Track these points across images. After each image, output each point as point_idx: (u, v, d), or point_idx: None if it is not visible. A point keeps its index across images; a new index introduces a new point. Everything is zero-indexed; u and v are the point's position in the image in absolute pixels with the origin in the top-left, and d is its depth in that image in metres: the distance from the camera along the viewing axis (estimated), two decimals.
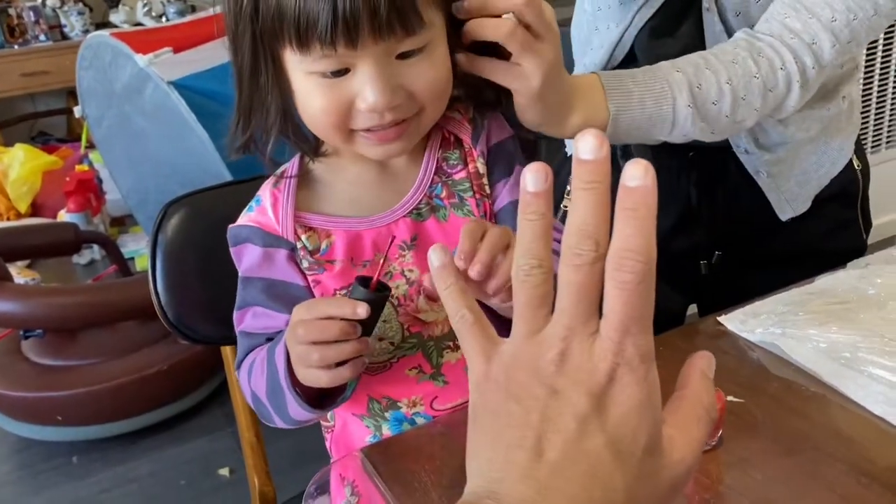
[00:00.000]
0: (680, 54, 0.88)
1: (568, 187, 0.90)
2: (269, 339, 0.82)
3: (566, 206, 1.15)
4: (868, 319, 0.84)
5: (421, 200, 0.81)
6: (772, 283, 0.96)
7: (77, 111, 2.69)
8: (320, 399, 0.76)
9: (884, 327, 0.82)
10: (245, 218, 0.82)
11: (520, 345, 0.43)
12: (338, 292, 0.79)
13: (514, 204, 0.81)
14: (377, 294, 0.69)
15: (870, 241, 1.16)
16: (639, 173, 0.38)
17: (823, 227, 1.11)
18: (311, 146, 0.80)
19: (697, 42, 0.95)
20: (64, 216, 3.19)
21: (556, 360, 0.41)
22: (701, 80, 0.85)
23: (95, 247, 3.16)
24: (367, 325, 0.69)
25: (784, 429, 0.74)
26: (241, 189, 1.15)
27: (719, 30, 0.96)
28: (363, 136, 0.73)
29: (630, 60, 1.02)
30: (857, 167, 1.12)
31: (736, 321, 0.90)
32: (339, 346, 0.69)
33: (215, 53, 2.24)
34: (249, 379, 0.81)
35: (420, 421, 0.84)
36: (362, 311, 0.67)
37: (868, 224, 1.16)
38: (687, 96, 0.84)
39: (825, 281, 0.95)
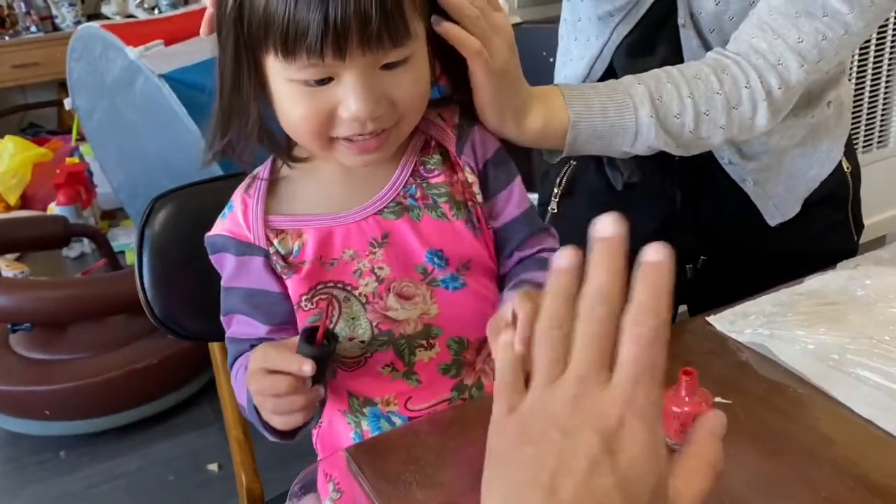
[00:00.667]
0: None
1: (555, 189, 0.89)
2: (254, 346, 0.82)
3: (553, 210, 1.15)
4: (857, 321, 0.84)
5: (393, 199, 0.80)
6: (761, 284, 0.96)
7: (67, 103, 2.68)
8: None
9: (872, 329, 0.82)
10: (219, 226, 0.82)
11: (537, 394, 0.47)
12: (303, 298, 0.79)
13: (524, 215, 0.85)
14: (323, 349, 0.71)
15: (861, 240, 1.16)
16: (660, 251, 0.45)
17: (813, 229, 1.10)
18: (285, 150, 0.80)
19: (676, 59, 0.94)
20: (54, 209, 3.17)
21: (570, 403, 0.45)
22: (662, 92, 0.85)
23: (85, 240, 3.14)
24: (316, 375, 0.71)
25: (770, 430, 0.74)
26: (230, 184, 1.13)
27: (696, 45, 0.95)
28: (343, 144, 0.74)
29: (609, 76, 1.00)
30: (846, 169, 1.11)
31: (725, 321, 0.90)
32: (290, 399, 0.71)
33: (207, 46, 2.22)
34: (238, 384, 0.82)
35: (396, 421, 0.84)
36: (308, 368, 0.69)
37: (859, 226, 1.15)
38: (649, 108, 0.85)
39: (814, 282, 0.95)
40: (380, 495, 0.71)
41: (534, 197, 1.79)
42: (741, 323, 0.88)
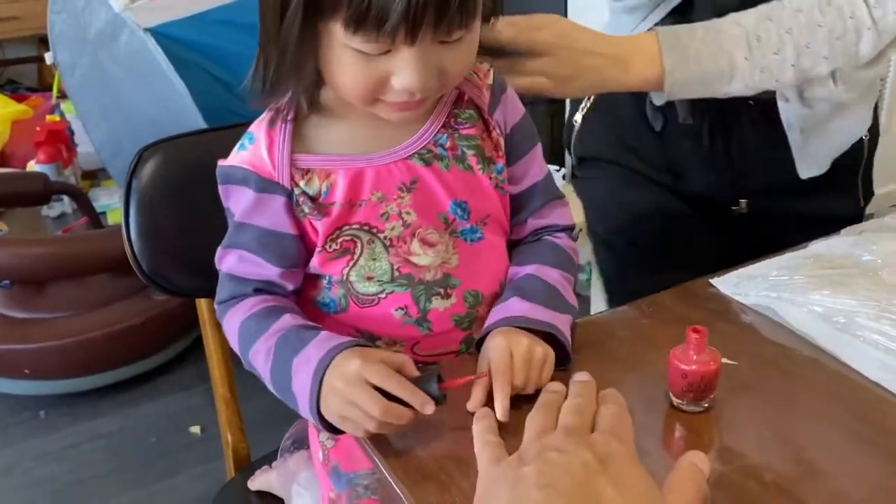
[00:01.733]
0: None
1: (584, 103, 1.16)
2: (258, 290, 0.80)
3: (577, 122, 1.15)
4: (863, 285, 0.82)
5: (424, 146, 0.80)
6: (775, 243, 0.97)
7: (48, 58, 2.60)
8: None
9: (879, 293, 0.81)
10: (238, 157, 0.78)
11: (528, 443, 0.59)
12: (328, 239, 0.77)
13: (543, 182, 0.88)
14: (441, 396, 0.68)
15: (870, 209, 1.16)
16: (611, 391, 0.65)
17: (823, 190, 1.09)
18: (317, 93, 0.78)
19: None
20: (33, 167, 3.10)
21: (562, 437, 0.58)
22: (760, 31, 0.88)
23: (66, 199, 3.08)
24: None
25: (778, 390, 0.73)
26: (220, 136, 1.11)
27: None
28: (386, 104, 0.73)
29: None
30: (864, 136, 1.11)
31: (729, 284, 0.88)
32: (391, 426, 0.68)
33: (196, 0, 2.17)
34: (244, 343, 0.79)
35: None
36: (430, 409, 0.67)
37: (868, 193, 1.15)
38: (745, 50, 0.88)
39: (819, 246, 0.93)
40: (377, 444, 0.69)
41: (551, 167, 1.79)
42: (745, 285, 0.87)
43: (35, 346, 2.09)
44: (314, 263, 0.80)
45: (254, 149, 0.78)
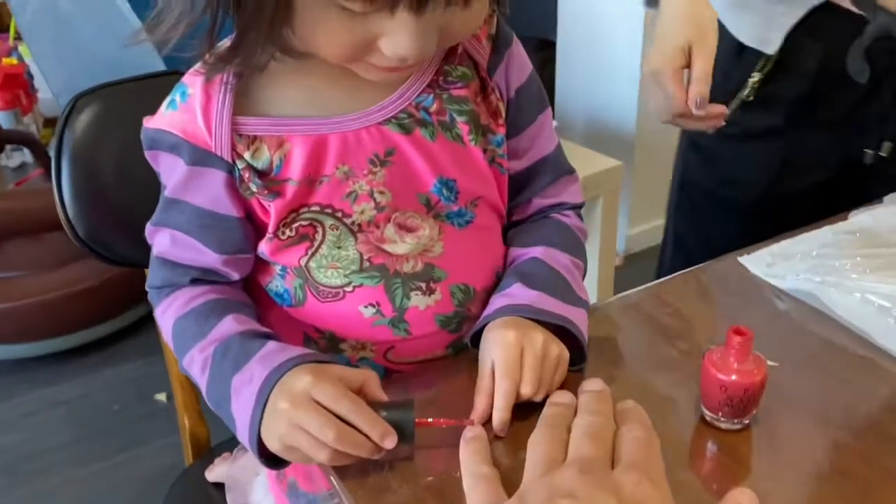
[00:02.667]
0: None
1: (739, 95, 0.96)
2: (195, 280, 0.67)
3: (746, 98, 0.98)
4: None
5: (403, 109, 0.64)
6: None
7: None
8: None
9: None
10: (166, 119, 0.62)
11: (532, 483, 0.48)
12: (282, 224, 0.63)
13: (552, 155, 0.75)
14: (412, 431, 0.56)
15: None
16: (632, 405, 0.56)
17: None
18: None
19: None
20: None
21: (575, 470, 0.47)
22: None
23: (26, 149, 2.92)
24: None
25: (833, 404, 0.60)
26: (166, 82, 0.96)
27: None
28: (368, 64, 0.57)
29: None
30: None
31: (761, 264, 0.75)
32: (350, 457, 0.55)
33: None
34: (179, 346, 0.66)
35: None
36: (390, 443, 0.54)
37: None
38: None
39: (861, 219, 0.81)
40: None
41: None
42: (781, 266, 0.74)
43: None
44: (263, 250, 0.65)
45: (186, 108, 0.61)
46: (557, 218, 0.75)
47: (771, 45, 0.93)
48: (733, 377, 0.55)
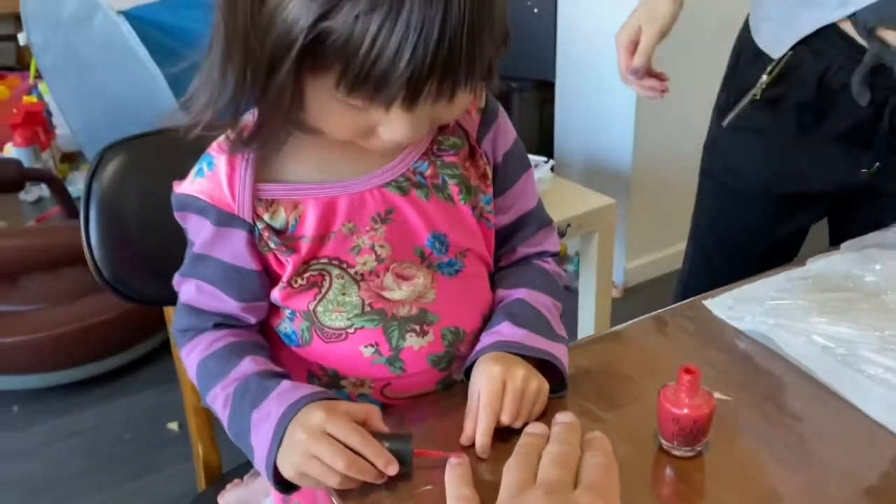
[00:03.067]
0: None
1: (764, 77, 1.08)
2: (217, 325, 0.75)
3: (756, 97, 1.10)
4: (866, 311, 0.77)
5: (402, 174, 0.73)
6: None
7: (21, 38, 2.51)
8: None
9: (883, 321, 0.76)
10: (195, 186, 0.71)
11: (506, 499, 0.56)
12: (295, 275, 0.71)
13: (534, 209, 0.83)
14: (410, 459, 0.64)
15: None
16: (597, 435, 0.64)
17: None
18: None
19: None
20: (10, 150, 3.03)
21: (542, 492, 0.55)
22: None
23: (43, 184, 3.01)
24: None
25: (777, 434, 0.67)
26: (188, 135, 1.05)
27: None
28: (370, 142, 0.66)
29: None
30: None
31: (723, 307, 0.83)
32: (357, 481, 0.63)
33: None
34: (203, 384, 0.74)
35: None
36: (393, 470, 0.62)
37: None
38: None
39: (818, 265, 0.88)
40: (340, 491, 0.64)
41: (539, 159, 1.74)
42: (741, 309, 0.81)
43: (7, 339, 2.02)
44: (276, 297, 0.74)
45: (212, 176, 0.70)
46: (539, 264, 0.83)
47: (778, 51, 1.05)
48: (684, 410, 0.62)
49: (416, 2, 0.54)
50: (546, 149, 2.67)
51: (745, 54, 1.14)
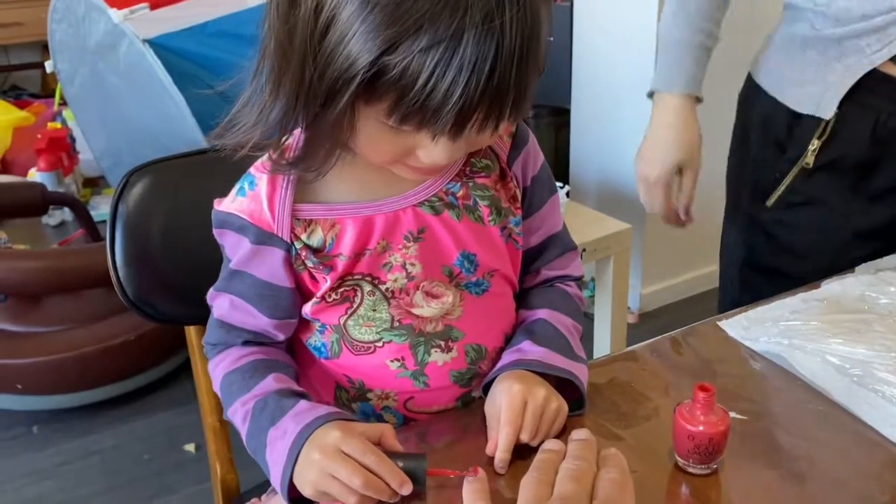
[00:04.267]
0: None
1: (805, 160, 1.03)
2: (246, 343, 0.77)
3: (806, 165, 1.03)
4: (881, 333, 0.78)
5: (435, 193, 0.75)
6: None
7: (48, 66, 2.58)
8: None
9: None
10: (235, 204, 0.73)
11: None
12: (330, 290, 0.73)
13: (560, 233, 0.85)
14: (424, 480, 0.64)
15: None
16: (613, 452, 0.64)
17: None
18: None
19: None
20: (34, 175, 3.08)
21: None
22: None
23: (66, 208, 3.05)
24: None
25: (791, 453, 0.68)
26: (212, 159, 1.07)
27: None
28: (407, 167, 0.67)
29: None
30: None
31: (738, 327, 0.84)
32: (373, 500, 0.64)
33: (195, 11, 2.14)
34: (225, 398, 0.76)
35: (389, 418, 0.79)
36: (407, 490, 0.63)
37: None
38: None
39: (832, 287, 0.89)
40: None
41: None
42: (756, 329, 0.82)
43: (29, 360, 2.05)
44: (307, 311, 0.75)
45: (254, 196, 0.72)
46: (562, 287, 0.85)
47: (827, 110, 0.99)
48: (700, 427, 0.63)
49: (472, 39, 0.55)
50: (561, 174, 2.69)
51: (774, 128, 1.07)
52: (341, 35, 0.56)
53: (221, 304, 0.77)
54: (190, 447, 2.01)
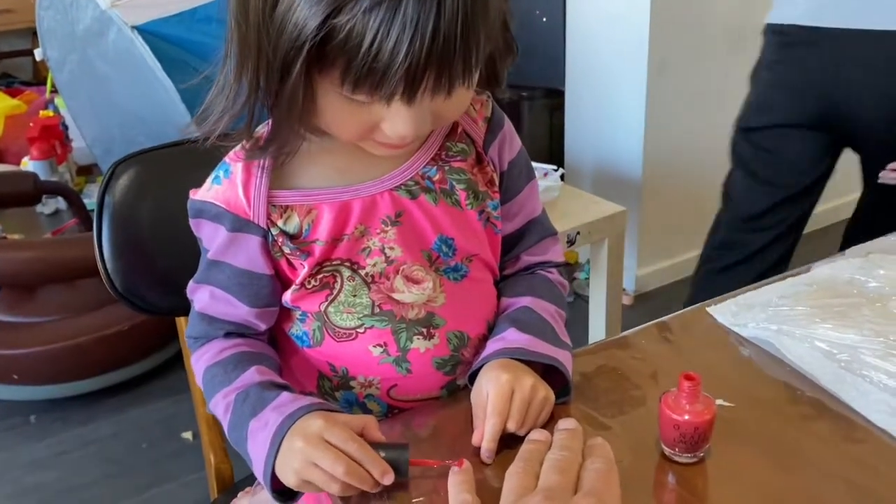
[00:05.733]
0: None
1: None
2: (228, 334, 0.77)
3: None
4: (869, 317, 0.77)
5: (411, 177, 0.75)
6: None
7: (38, 54, 2.56)
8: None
9: (887, 327, 0.76)
10: (211, 192, 0.73)
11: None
12: (309, 276, 0.73)
13: (539, 218, 0.85)
14: (406, 469, 0.64)
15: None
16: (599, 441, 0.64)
17: None
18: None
19: None
20: (27, 164, 3.07)
21: (541, 497, 0.55)
22: None
23: (60, 197, 3.04)
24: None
25: (778, 440, 0.67)
26: (199, 149, 1.06)
27: None
28: (375, 142, 0.68)
29: None
30: None
31: (727, 313, 0.83)
32: (356, 489, 0.64)
33: None
34: (207, 390, 0.76)
35: (373, 406, 0.79)
36: (389, 480, 0.63)
37: None
38: None
39: (822, 271, 0.88)
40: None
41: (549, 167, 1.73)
42: (744, 315, 0.82)
43: (24, 350, 2.05)
44: (287, 299, 0.75)
45: (229, 184, 0.72)
46: (543, 274, 0.84)
47: None
48: (685, 416, 0.63)
49: None
50: (556, 157, 2.68)
51: None
52: (289, 3, 0.58)
53: (202, 296, 0.77)
54: (187, 435, 2.02)
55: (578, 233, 1.84)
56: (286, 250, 0.72)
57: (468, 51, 0.59)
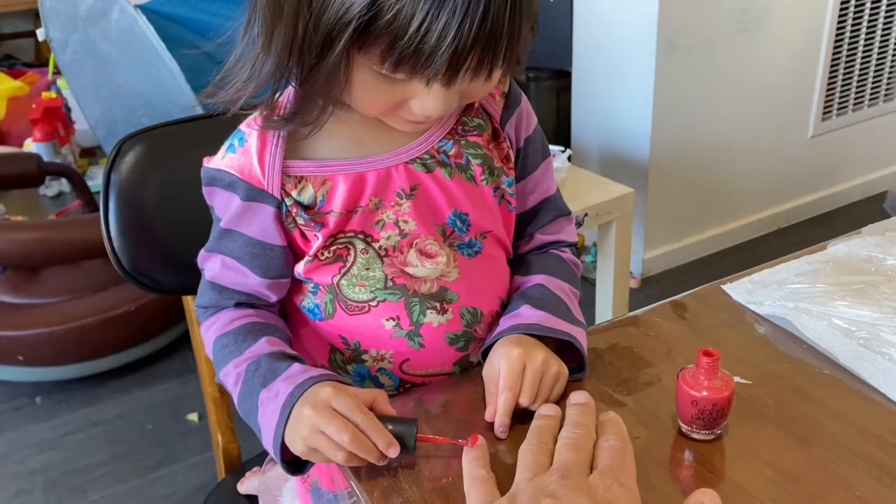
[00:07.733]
0: None
1: None
2: (239, 304, 0.76)
3: None
4: (887, 294, 0.76)
5: (427, 151, 0.74)
6: None
7: (40, 34, 2.53)
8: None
9: None
10: (225, 160, 0.72)
11: (522, 484, 0.55)
12: (322, 248, 0.72)
13: (554, 197, 0.84)
14: (414, 444, 0.63)
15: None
16: (612, 416, 0.63)
17: None
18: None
19: None
20: (30, 146, 3.06)
21: (558, 482, 0.54)
22: None
23: (63, 179, 3.03)
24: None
25: (796, 417, 0.66)
26: (204, 125, 1.06)
27: None
28: (399, 118, 0.67)
29: None
30: None
31: (742, 291, 0.82)
32: (362, 460, 0.63)
33: None
34: (217, 360, 0.75)
35: (384, 380, 0.78)
36: (393, 453, 0.62)
37: None
38: None
39: (838, 248, 0.87)
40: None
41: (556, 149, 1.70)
42: (760, 293, 0.81)
43: (29, 332, 2.05)
44: (300, 271, 0.74)
45: (243, 152, 0.71)
46: (557, 253, 0.83)
47: None
48: (704, 393, 0.62)
49: None
50: (563, 138, 2.66)
51: None
52: None
53: (213, 265, 0.76)
54: (193, 416, 2.02)
55: (586, 215, 1.83)
56: (300, 221, 0.71)
57: (513, 35, 0.59)
